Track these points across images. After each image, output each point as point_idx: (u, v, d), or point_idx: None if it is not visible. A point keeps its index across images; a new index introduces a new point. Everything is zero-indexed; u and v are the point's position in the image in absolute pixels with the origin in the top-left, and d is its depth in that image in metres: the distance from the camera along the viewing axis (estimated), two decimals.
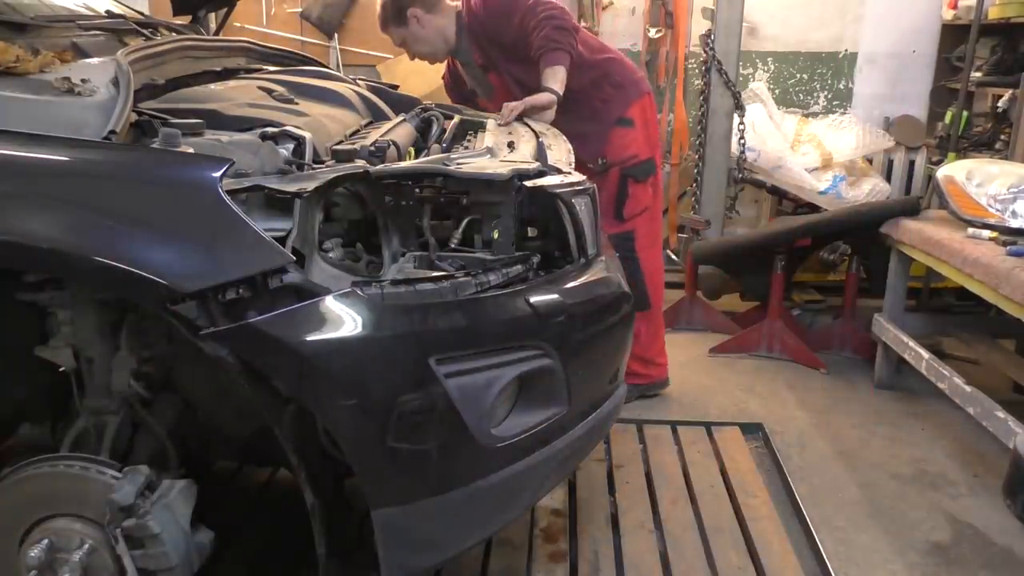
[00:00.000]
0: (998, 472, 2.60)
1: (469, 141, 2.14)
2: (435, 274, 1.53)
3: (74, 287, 1.52)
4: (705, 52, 3.87)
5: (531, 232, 1.82)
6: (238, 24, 4.59)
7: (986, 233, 2.71)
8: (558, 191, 1.69)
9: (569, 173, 1.82)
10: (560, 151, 2.13)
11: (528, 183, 1.66)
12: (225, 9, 2.88)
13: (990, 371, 3.20)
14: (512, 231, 1.66)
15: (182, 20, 2.66)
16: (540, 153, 1.98)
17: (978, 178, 2.86)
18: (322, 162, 1.65)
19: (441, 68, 3.09)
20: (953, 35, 4.43)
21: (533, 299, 1.54)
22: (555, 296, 1.59)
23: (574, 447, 1.69)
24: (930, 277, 3.81)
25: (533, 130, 2.29)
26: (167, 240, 1.32)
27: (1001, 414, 2.43)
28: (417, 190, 1.69)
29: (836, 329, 3.67)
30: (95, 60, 1.75)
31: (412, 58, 2.81)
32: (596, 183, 2.74)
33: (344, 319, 1.34)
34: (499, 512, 1.60)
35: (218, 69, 2.13)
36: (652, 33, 4.50)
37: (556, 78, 2.53)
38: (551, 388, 1.58)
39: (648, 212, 2.91)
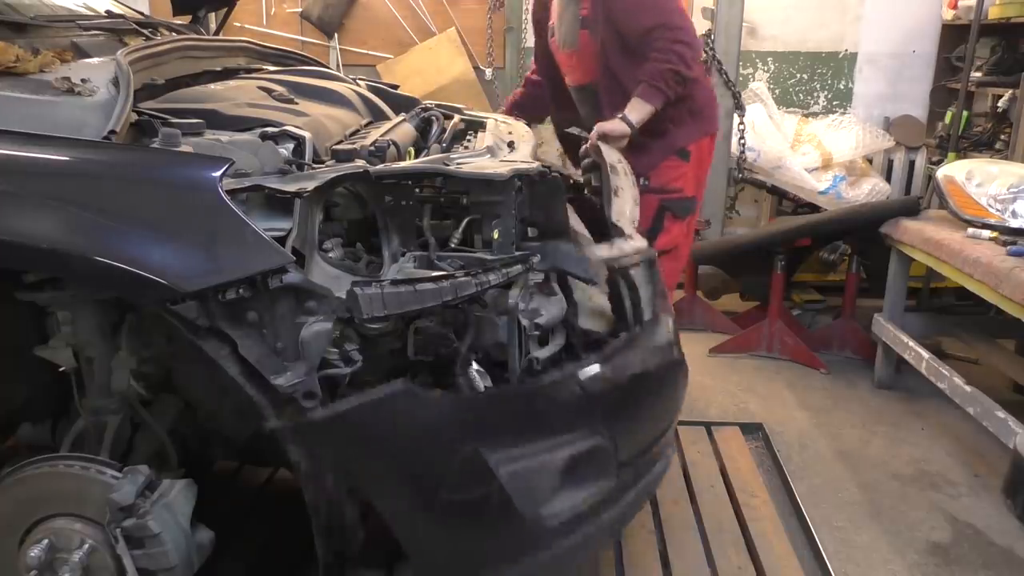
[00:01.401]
0: (998, 472, 2.60)
1: (469, 141, 2.14)
2: (435, 274, 1.53)
3: (74, 287, 1.52)
4: (705, 52, 3.87)
5: (531, 232, 1.82)
6: (238, 24, 4.60)
7: (986, 233, 2.71)
8: (619, 265, 1.66)
9: (630, 236, 1.74)
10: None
11: (597, 258, 1.63)
12: (225, 9, 2.88)
13: (990, 371, 3.20)
14: (512, 231, 1.66)
15: (182, 20, 2.65)
16: (606, 204, 1.87)
17: (978, 178, 2.86)
18: (322, 162, 1.65)
19: (442, 70, 3.06)
20: (953, 35, 4.43)
21: (586, 385, 1.54)
22: (607, 376, 1.58)
23: (623, 514, 1.70)
24: (930, 277, 3.80)
25: (608, 163, 2.16)
26: (167, 240, 1.32)
27: (1001, 414, 2.43)
28: (417, 190, 1.69)
29: (836, 329, 3.67)
30: (95, 60, 1.75)
31: None
32: None
33: (399, 416, 1.39)
34: None
35: (218, 69, 2.13)
36: None
37: (640, 113, 2.42)
38: (601, 464, 1.60)
39: (675, 252, 2.72)
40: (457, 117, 2.39)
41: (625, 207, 1.94)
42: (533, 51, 2.98)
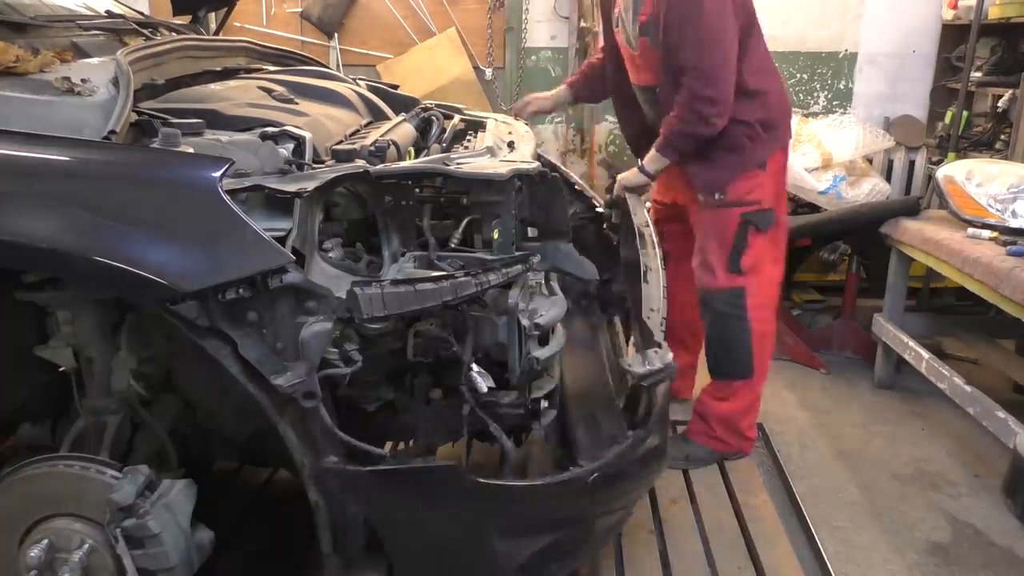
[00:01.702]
0: (998, 472, 2.60)
1: (469, 141, 2.14)
2: (435, 274, 1.54)
3: (74, 287, 1.52)
4: None
5: (531, 232, 1.82)
6: (238, 24, 4.59)
7: (986, 233, 2.71)
8: (648, 383, 1.70)
9: (660, 345, 1.75)
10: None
11: (632, 372, 1.67)
12: (225, 9, 2.88)
13: (990, 371, 3.20)
14: (512, 231, 1.66)
15: (182, 20, 2.66)
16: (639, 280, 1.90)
17: (978, 178, 2.86)
18: (322, 162, 1.65)
19: (442, 70, 3.00)
20: (953, 35, 4.42)
21: (595, 496, 1.63)
22: (607, 477, 1.64)
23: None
24: (930, 277, 3.81)
25: (636, 226, 2.19)
26: (167, 240, 1.32)
27: (1001, 414, 2.43)
28: (417, 190, 1.69)
29: (836, 329, 3.67)
30: (95, 60, 1.75)
31: None
32: (706, 222, 2.49)
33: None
34: None
35: (218, 69, 2.13)
36: None
37: (657, 164, 2.39)
38: (581, 541, 1.70)
39: (764, 266, 2.53)
40: (457, 117, 2.39)
41: (654, 294, 1.92)
42: (601, 32, 2.78)
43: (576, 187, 2.46)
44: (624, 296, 2.23)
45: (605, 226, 2.46)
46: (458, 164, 1.66)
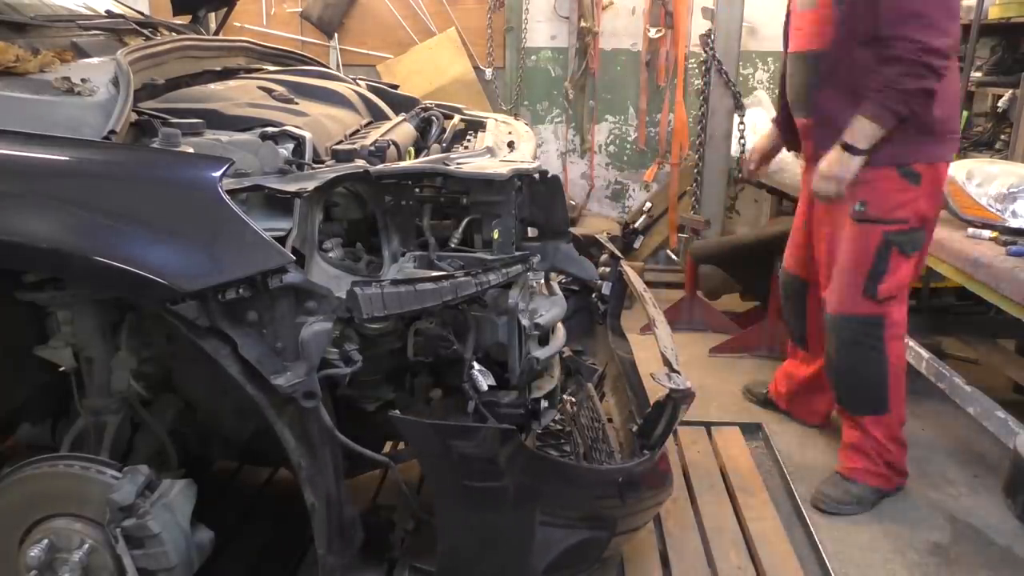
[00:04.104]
0: (998, 472, 2.60)
1: (469, 141, 2.14)
2: (435, 274, 1.54)
3: (74, 287, 1.52)
4: (705, 52, 3.87)
5: (531, 232, 1.82)
6: (238, 24, 4.60)
7: (986, 233, 2.71)
8: (675, 396, 1.72)
9: (678, 373, 1.77)
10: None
11: (670, 388, 1.71)
12: (225, 9, 2.88)
13: (990, 371, 3.20)
14: (512, 231, 1.66)
15: (182, 20, 2.66)
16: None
17: (978, 178, 2.85)
18: (322, 162, 1.65)
19: (442, 70, 3.01)
20: None
21: (623, 497, 1.73)
22: (635, 490, 1.78)
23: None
24: (930, 277, 3.80)
25: (638, 290, 2.26)
26: (167, 240, 1.32)
27: (1001, 414, 2.43)
28: (417, 190, 1.70)
29: None
30: (95, 60, 1.75)
31: None
32: (845, 240, 2.30)
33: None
34: None
35: (218, 69, 2.13)
36: (652, 33, 4.51)
37: (868, 136, 2.08)
38: (597, 552, 1.77)
39: (901, 296, 2.33)
40: (457, 117, 2.39)
41: (665, 337, 1.95)
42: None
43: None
44: (596, 368, 2.27)
45: (594, 296, 2.47)
46: (458, 164, 1.66)
